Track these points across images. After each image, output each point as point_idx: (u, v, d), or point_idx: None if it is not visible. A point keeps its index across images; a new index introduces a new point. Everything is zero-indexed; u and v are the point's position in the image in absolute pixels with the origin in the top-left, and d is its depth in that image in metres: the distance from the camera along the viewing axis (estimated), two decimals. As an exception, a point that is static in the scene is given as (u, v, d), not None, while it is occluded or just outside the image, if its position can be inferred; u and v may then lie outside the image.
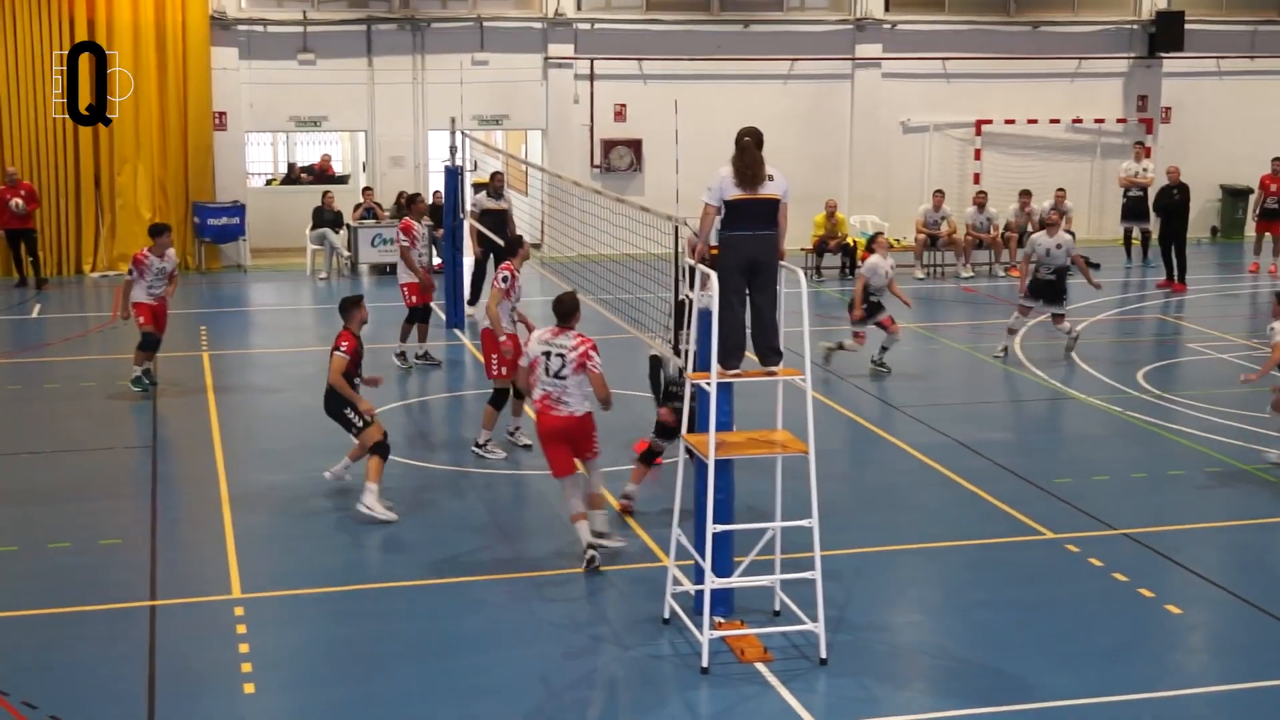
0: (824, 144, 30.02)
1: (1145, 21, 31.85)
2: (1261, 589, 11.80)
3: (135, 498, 14.17)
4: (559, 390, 12.26)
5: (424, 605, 11.54)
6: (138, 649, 10.55)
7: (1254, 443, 15.88)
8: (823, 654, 10.27)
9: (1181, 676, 10.48)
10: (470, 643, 10.73)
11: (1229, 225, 32.65)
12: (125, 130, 27.33)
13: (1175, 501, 14.30)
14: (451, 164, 22.28)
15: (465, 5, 29.27)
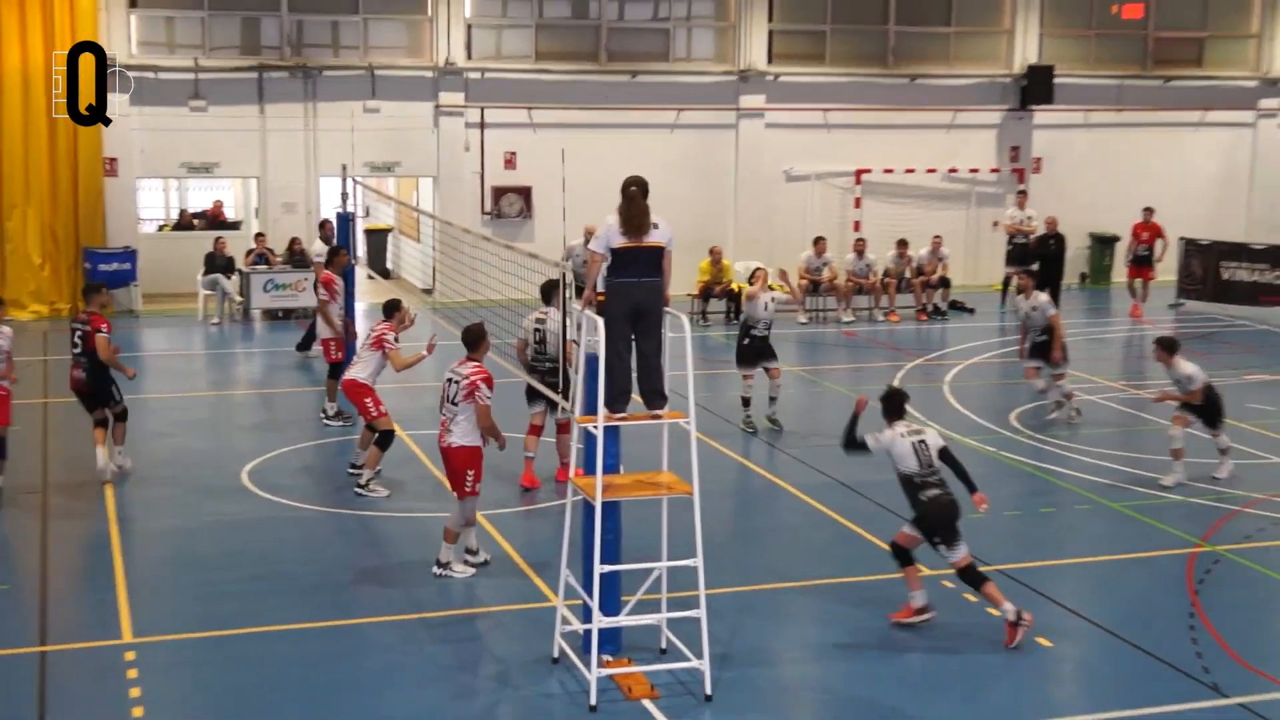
0: (710, 191, 30.31)
1: (1017, 75, 32.49)
2: (1126, 621, 12.12)
3: (25, 541, 14.00)
4: (449, 416, 12.79)
5: (316, 648, 11.50)
6: (25, 695, 10.42)
7: (1118, 480, 16.29)
8: (708, 690, 10.38)
9: (1052, 706, 10.69)
10: (362, 685, 10.69)
11: (1097, 271, 33.22)
12: (14, 175, 26.98)
13: (1046, 538, 14.64)
14: (343, 210, 22.21)
15: (357, 53, 29.24)
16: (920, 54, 32.37)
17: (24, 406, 19.60)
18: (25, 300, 27.28)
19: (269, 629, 11.85)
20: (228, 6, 28.60)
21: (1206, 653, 11.43)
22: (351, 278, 22.06)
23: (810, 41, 31.87)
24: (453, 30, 29.47)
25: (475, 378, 12.72)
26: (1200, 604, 12.54)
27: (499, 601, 12.39)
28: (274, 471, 16.61)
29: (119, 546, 13.78)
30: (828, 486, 16.03)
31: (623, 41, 30.73)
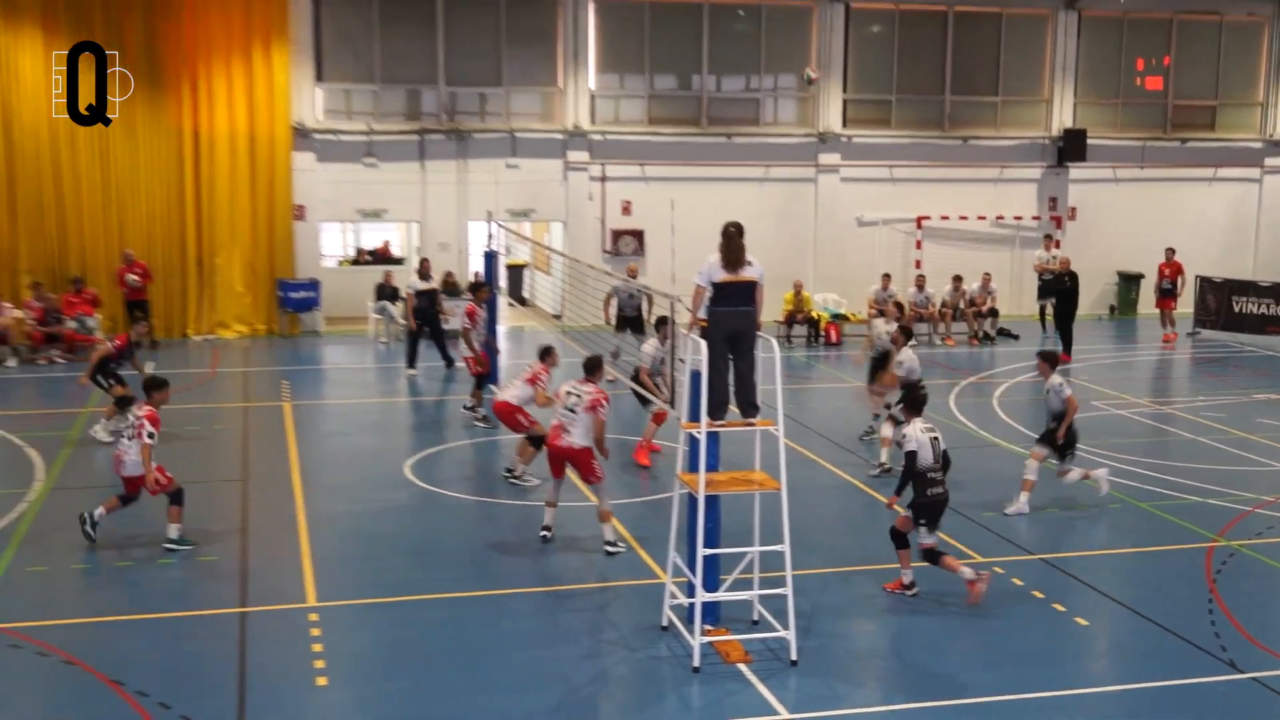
0: (792, 235, 30.17)
1: (1055, 137, 32.06)
2: (1153, 604, 11.87)
3: (228, 522, 14.17)
4: (567, 421, 12.99)
5: (465, 613, 11.57)
6: (230, 648, 10.59)
7: (1145, 484, 15.94)
8: (793, 656, 10.32)
9: (1088, 677, 10.49)
10: (504, 645, 10.73)
11: (1124, 304, 32.68)
12: (222, 220, 27.48)
13: (1082, 532, 14.35)
14: (488, 249, 22.39)
15: (500, 119, 29.47)
16: (972, 119, 32.05)
17: (228, 409, 20.04)
18: (229, 322, 27.77)
19: (426, 597, 11.93)
20: (395, 80, 28.93)
21: (1223, 633, 11.15)
22: (494, 304, 22.23)
23: (878, 109, 31.65)
24: (579, 100, 29.63)
25: (598, 396, 13.02)
26: (1217, 591, 12.24)
27: (617, 577, 12.38)
28: (431, 465, 16.75)
29: (304, 526, 13.97)
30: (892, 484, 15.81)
31: (720, 109, 30.71)
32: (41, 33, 26.16)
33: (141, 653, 10.47)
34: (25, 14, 26.05)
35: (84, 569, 12.59)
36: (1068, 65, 32.10)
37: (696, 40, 30.19)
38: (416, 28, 28.73)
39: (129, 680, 9.82)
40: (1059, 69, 32.08)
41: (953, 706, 9.69)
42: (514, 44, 29.30)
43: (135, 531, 13.69)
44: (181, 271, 27.52)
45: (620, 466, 16.66)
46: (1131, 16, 32.28)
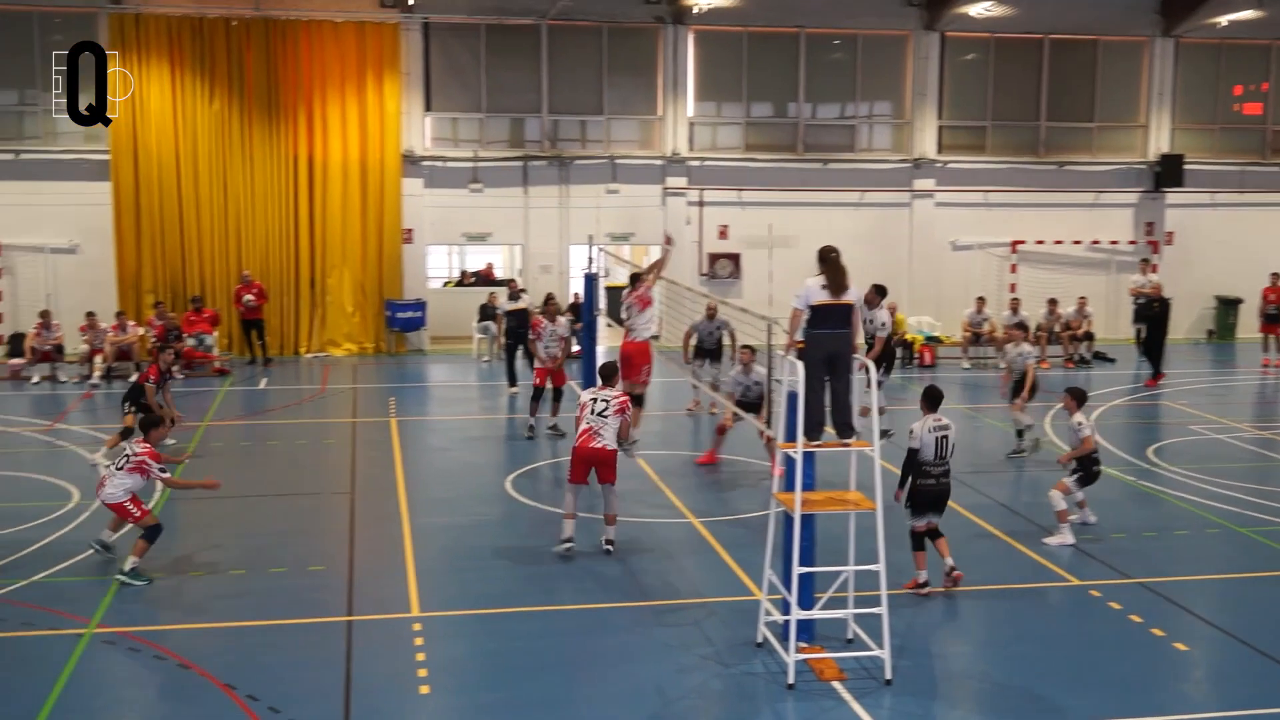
0: (887, 258, 29.81)
1: (1151, 162, 31.42)
2: (1253, 630, 11.44)
3: (337, 533, 14.32)
4: (598, 427, 13.30)
5: (563, 626, 11.52)
6: (336, 655, 10.64)
7: (1246, 509, 15.45)
8: (888, 675, 10.13)
9: (1187, 703, 10.15)
10: (601, 658, 10.68)
11: (1222, 329, 31.87)
12: (334, 243, 27.94)
13: (1181, 556, 13.90)
14: (588, 271, 22.44)
15: (601, 146, 29.61)
16: (1067, 145, 31.54)
17: (337, 424, 20.29)
18: (339, 340, 28.18)
19: (525, 609, 11.90)
20: (500, 109, 29.21)
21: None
22: (594, 325, 22.27)
23: (973, 135, 31.28)
24: (678, 127, 29.67)
25: (624, 399, 13.63)
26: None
27: (712, 594, 12.26)
28: (531, 480, 16.76)
29: (409, 538, 14.03)
30: (988, 506, 15.54)
31: (816, 135, 30.56)
32: (168, 66, 26.86)
33: (252, 658, 10.56)
34: (153, 48, 26.77)
35: (199, 576, 12.76)
36: (1164, 91, 31.46)
37: (793, 68, 30.09)
38: (521, 59, 29.01)
39: (240, 685, 9.92)
40: (1155, 94, 31.45)
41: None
42: (615, 73, 29.45)
43: (247, 542, 13.89)
44: (295, 292, 28.01)
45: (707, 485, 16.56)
46: (1229, 43, 31.53)
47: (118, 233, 27.05)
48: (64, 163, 27.22)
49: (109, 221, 27.05)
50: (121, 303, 26.55)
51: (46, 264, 27.26)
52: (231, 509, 15.35)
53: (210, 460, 17.62)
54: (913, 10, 30.12)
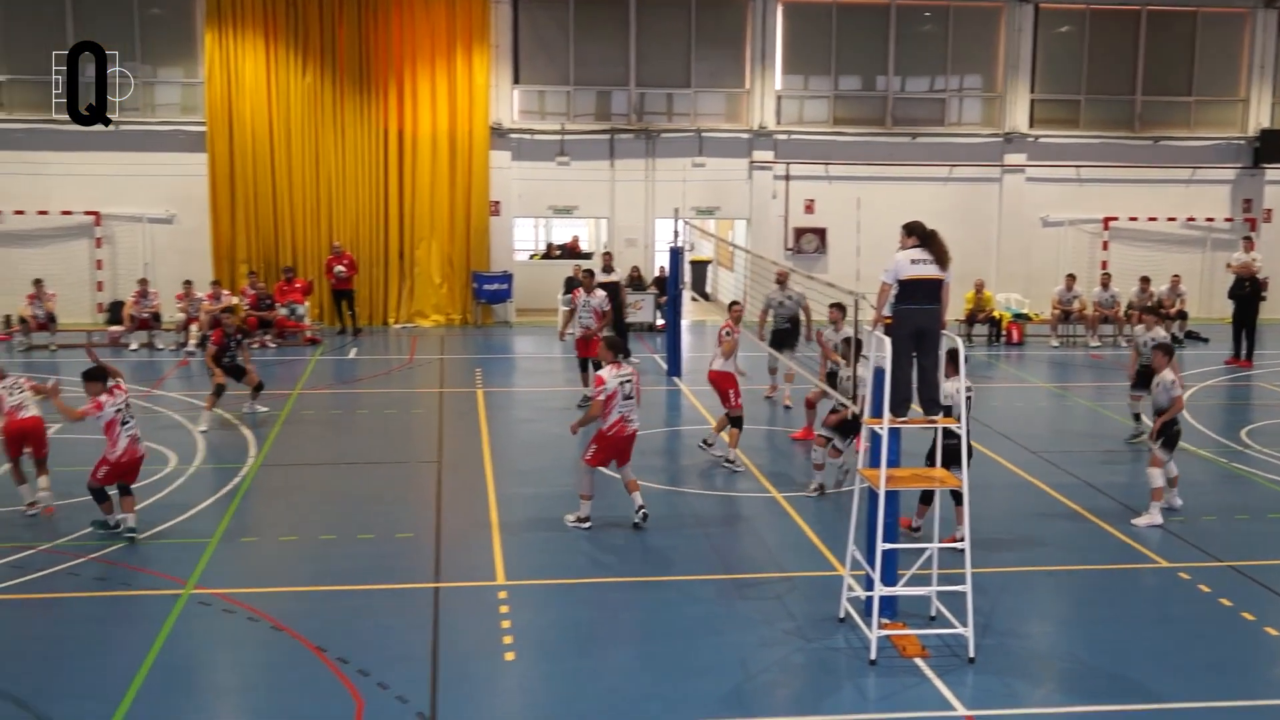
0: (976, 234, 29.50)
1: (1251, 137, 30.69)
2: (1349, 618, 11.22)
3: (424, 501, 14.52)
4: (630, 409, 13.28)
5: (647, 597, 11.61)
6: (424, 621, 10.80)
7: (1343, 493, 15.13)
8: (971, 654, 10.06)
9: (1277, 687, 9.96)
10: (685, 630, 10.72)
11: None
12: (423, 215, 28.23)
13: (1272, 540, 13.61)
14: (674, 245, 22.46)
15: (688, 119, 29.55)
16: (1164, 119, 30.88)
17: (425, 394, 20.52)
18: (427, 311, 28.52)
19: (609, 580, 12.02)
20: (587, 82, 29.27)
21: None
22: (678, 299, 22.30)
23: (1066, 109, 30.73)
24: (765, 100, 29.53)
25: (634, 374, 13.52)
26: None
27: (795, 568, 12.26)
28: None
29: (494, 506, 14.20)
30: (1075, 486, 15.35)
31: (905, 109, 30.24)
32: (263, 39, 27.25)
33: (342, 622, 10.74)
34: (248, 24, 27.19)
35: (292, 541, 13.03)
36: (1266, 64, 30.67)
37: (882, 41, 29.78)
38: (609, 32, 29.03)
39: (331, 648, 10.12)
40: (1256, 68, 30.68)
41: (1136, 711, 9.32)
42: (702, 46, 29.36)
43: (337, 508, 14.15)
44: (384, 263, 28.38)
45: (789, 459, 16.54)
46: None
47: (213, 203, 27.56)
48: (161, 134, 27.78)
49: (204, 192, 27.57)
50: (216, 272, 27.08)
51: (144, 233, 27.87)
52: (321, 476, 15.63)
53: (301, 428, 17.96)
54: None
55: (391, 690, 9.40)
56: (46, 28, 27.23)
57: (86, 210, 27.63)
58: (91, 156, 27.47)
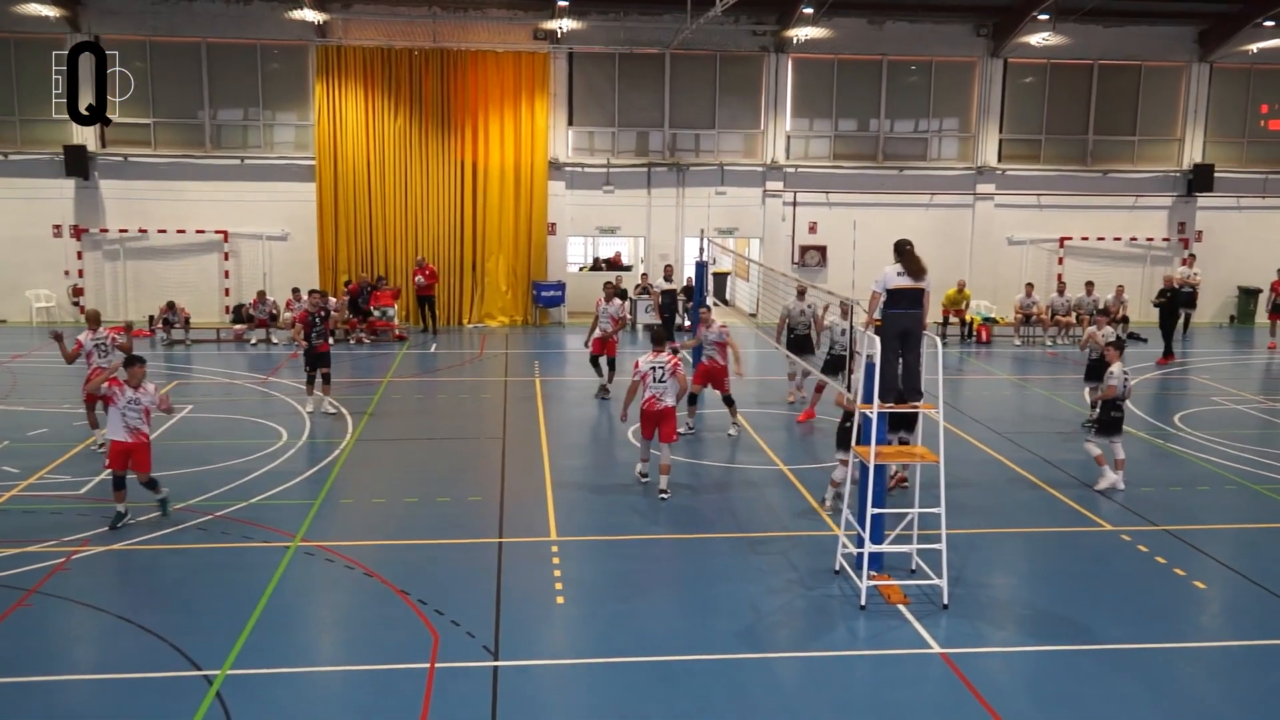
0: (952, 251, 29.21)
1: (1185, 170, 30.22)
2: (1263, 573, 11.04)
3: (491, 470, 14.52)
4: (660, 392, 13.23)
5: (675, 551, 11.57)
6: (489, 569, 10.82)
7: (1259, 469, 14.86)
8: (945, 601, 10.00)
9: (1204, 633, 9.84)
10: (704, 578, 10.69)
11: (1243, 315, 30.61)
12: (493, 233, 28.24)
13: (1201, 508, 13.42)
14: (700, 259, 22.34)
15: (712, 155, 29.41)
16: (1112, 155, 30.44)
17: (492, 382, 20.53)
18: (495, 313, 28.52)
19: (643, 537, 11.98)
20: (629, 124, 29.16)
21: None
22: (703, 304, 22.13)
23: (1029, 146, 30.33)
24: (777, 139, 29.34)
25: (676, 360, 13.40)
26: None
27: (797, 528, 12.19)
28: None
29: (549, 475, 14.19)
30: (1034, 461, 15.19)
31: (893, 147, 29.96)
32: (362, 88, 27.35)
33: (422, 570, 10.78)
34: (350, 77, 27.30)
35: (381, 503, 13.06)
36: (1199, 109, 30.19)
37: (875, 90, 29.53)
38: (648, 83, 28.92)
39: (413, 590, 10.15)
40: (1191, 112, 30.20)
41: (1084, 650, 9.20)
42: (725, 94, 29.21)
43: (419, 476, 14.18)
44: (460, 273, 28.40)
45: (796, 438, 16.44)
46: (1258, 67, 30.09)
47: (320, 224, 27.69)
48: (278, 166, 27.93)
49: (313, 214, 27.69)
50: (322, 282, 27.15)
51: (263, 249, 28.04)
52: (406, 450, 15.68)
53: (390, 410, 18.00)
54: (980, 40, 29.33)
55: (462, 627, 9.41)
56: (187, 80, 27.45)
57: (217, 229, 27.82)
58: (222, 185, 27.70)
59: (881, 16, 28.86)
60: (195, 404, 18.24)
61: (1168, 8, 28.83)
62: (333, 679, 8.66)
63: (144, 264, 27.86)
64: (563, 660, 8.98)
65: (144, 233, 27.69)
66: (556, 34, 27.51)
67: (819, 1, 26.53)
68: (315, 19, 26.64)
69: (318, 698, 8.37)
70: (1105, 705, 8.33)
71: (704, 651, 9.07)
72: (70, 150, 26.91)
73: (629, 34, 28.26)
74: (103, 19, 26.82)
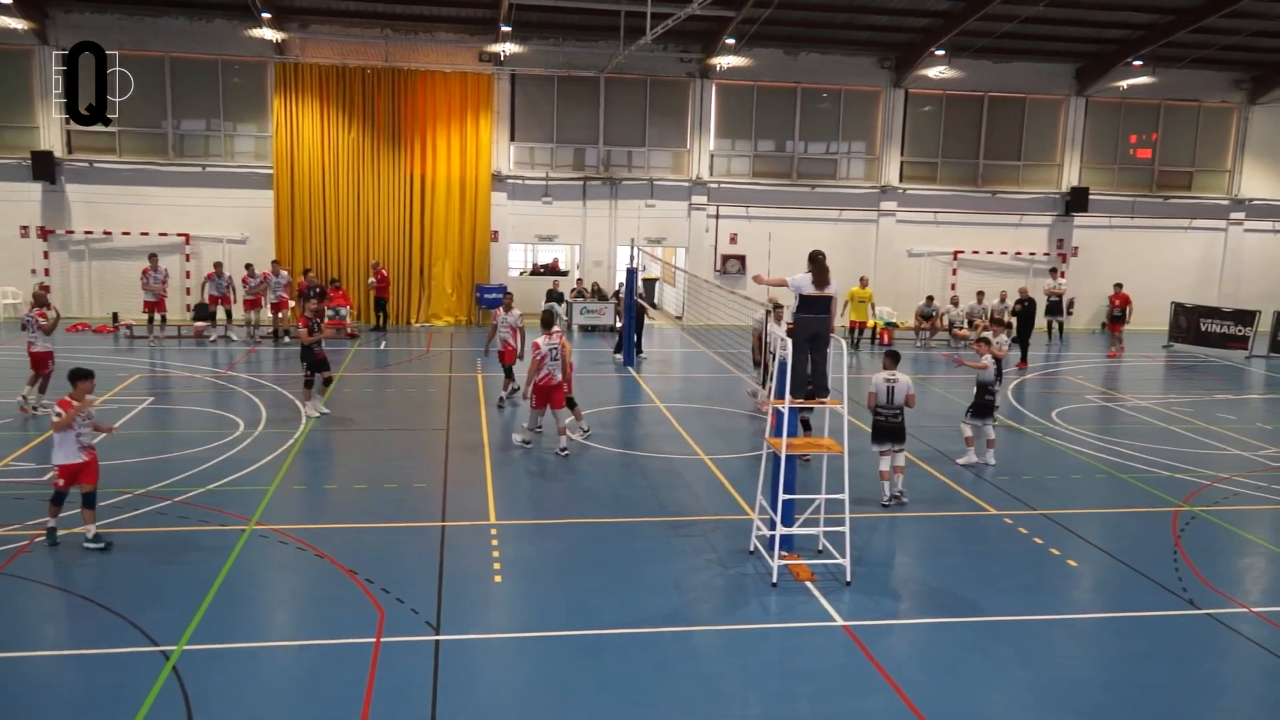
0: (858, 261, 29.55)
1: (1064, 192, 30.96)
2: (1129, 552, 11.34)
3: (434, 458, 14.38)
4: (555, 367, 14.42)
5: (604, 534, 11.53)
6: (433, 550, 10.71)
7: (1126, 460, 15.28)
8: (848, 578, 10.10)
9: (1076, 605, 10.07)
10: (633, 558, 10.69)
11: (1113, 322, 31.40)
12: (439, 240, 27.96)
13: (1074, 494, 13.76)
14: (630, 266, 22.36)
15: (642, 170, 29.43)
16: (999, 177, 31.08)
17: (437, 377, 20.30)
18: (441, 314, 28.25)
19: (576, 521, 11.94)
20: (567, 141, 29.05)
21: (1185, 578, 10.62)
22: (633, 307, 22.18)
23: (927, 168, 30.86)
24: (701, 157, 29.45)
25: (562, 337, 14.50)
26: (1181, 545, 11.65)
27: (716, 512, 12.24)
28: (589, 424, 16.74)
29: (489, 464, 14.09)
30: (929, 453, 15.41)
31: (807, 166, 30.25)
32: (318, 105, 26.89)
33: (369, 551, 10.65)
34: (307, 92, 26.84)
35: (332, 489, 12.87)
36: (1076, 138, 30.96)
37: (791, 115, 29.79)
38: (584, 103, 28.84)
39: (360, 570, 10.01)
40: (1069, 140, 30.96)
41: (971, 622, 9.38)
42: (654, 114, 29.24)
43: (368, 464, 13.99)
44: (408, 276, 28.07)
45: (715, 431, 16.50)
46: (1128, 102, 30.97)
47: (277, 228, 27.18)
48: (238, 174, 27.35)
49: (271, 220, 27.18)
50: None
51: (223, 251, 27.43)
52: (357, 439, 15.46)
53: (342, 401, 17.73)
54: (885, 72, 29.74)
55: (406, 604, 9.30)
56: (151, 91, 26.73)
57: (179, 232, 27.15)
58: (184, 191, 27.03)
59: (796, 48, 29.12)
60: (156, 396, 17.79)
61: (1049, 47, 29.51)
62: (284, 653, 8.50)
63: (108, 264, 27.10)
64: (500, 634, 8.92)
65: (108, 234, 26.94)
66: (500, 57, 27.31)
67: (740, 33, 26.70)
68: (274, 37, 26.12)
69: (270, 671, 8.22)
70: (989, 670, 8.50)
71: (630, 626, 9.08)
72: (37, 155, 26.10)
73: (567, 58, 28.16)
74: (70, 32, 26.01)
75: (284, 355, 22.55)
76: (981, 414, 14.51)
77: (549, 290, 27.84)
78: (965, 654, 8.78)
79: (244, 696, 7.72)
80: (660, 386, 16.81)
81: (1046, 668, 8.62)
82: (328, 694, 7.75)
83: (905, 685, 8.14)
